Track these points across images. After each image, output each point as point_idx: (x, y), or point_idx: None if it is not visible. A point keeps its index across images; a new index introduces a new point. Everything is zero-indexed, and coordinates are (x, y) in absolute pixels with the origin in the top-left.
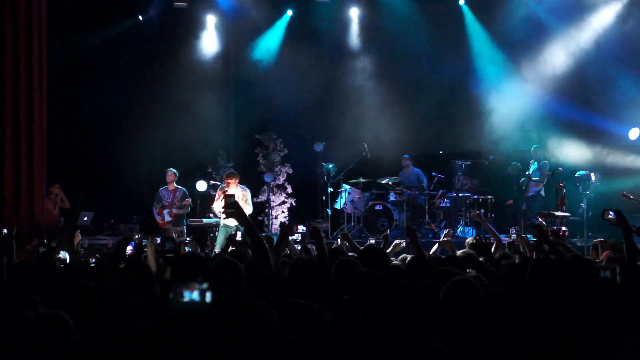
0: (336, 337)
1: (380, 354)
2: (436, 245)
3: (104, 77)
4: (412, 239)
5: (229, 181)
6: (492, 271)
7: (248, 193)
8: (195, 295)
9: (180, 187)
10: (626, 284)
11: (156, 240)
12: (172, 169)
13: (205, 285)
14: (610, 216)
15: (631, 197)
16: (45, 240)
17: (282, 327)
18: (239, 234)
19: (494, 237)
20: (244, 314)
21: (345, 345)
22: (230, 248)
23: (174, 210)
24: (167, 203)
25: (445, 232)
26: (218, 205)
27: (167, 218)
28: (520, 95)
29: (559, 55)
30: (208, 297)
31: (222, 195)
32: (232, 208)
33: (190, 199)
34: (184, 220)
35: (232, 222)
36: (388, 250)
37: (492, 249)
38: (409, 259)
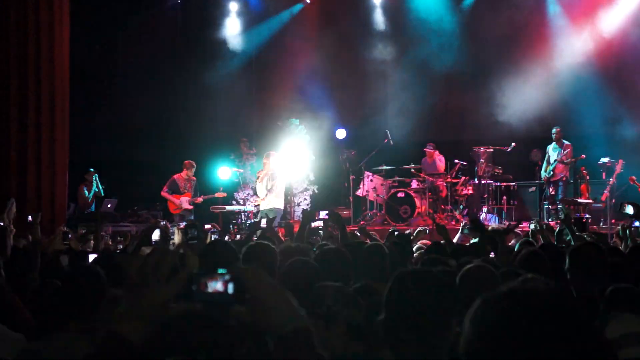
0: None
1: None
2: (459, 233)
3: (129, 64)
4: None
5: (266, 161)
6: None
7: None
8: (220, 286)
9: (193, 177)
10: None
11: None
12: (192, 161)
13: (229, 276)
14: (626, 211)
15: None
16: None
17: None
18: (264, 221)
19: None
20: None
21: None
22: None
23: (199, 199)
24: (185, 191)
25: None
26: (260, 187)
27: (186, 206)
28: (544, 81)
29: (586, 39)
30: (231, 287)
31: (261, 176)
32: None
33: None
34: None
35: (268, 206)
36: (412, 237)
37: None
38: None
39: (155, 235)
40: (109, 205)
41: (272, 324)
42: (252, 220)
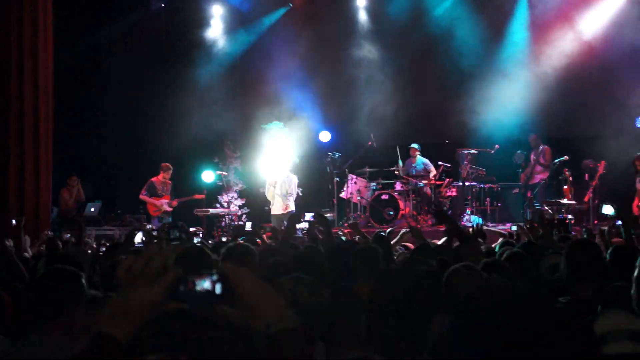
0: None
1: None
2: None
3: (113, 68)
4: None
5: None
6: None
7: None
8: (207, 285)
9: (169, 181)
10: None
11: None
12: (169, 164)
13: (217, 276)
14: (604, 211)
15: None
16: (50, 232)
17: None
18: (248, 224)
19: None
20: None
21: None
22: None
23: (174, 202)
24: (164, 194)
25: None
26: (272, 192)
27: (166, 208)
28: (526, 83)
29: (567, 42)
30: (219, 288)
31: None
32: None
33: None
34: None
35: (286, 210)
36: (394, 241)
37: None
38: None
39: (138, 238)
40: (92, 209)
41: (260, 324)
42: (236, 223)
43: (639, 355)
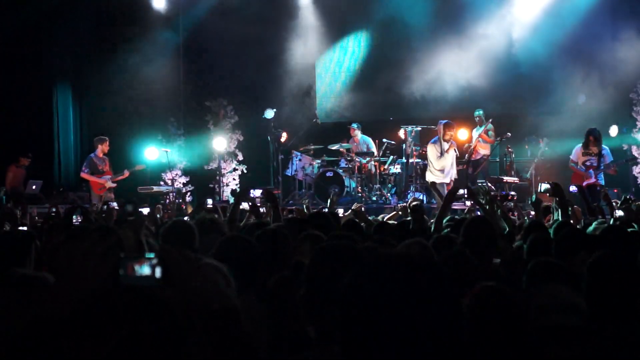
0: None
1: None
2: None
3: (53, 42)
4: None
5: None
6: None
7: None
8: (147, 269)
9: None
10: (562, 244)
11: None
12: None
13: (156, 260)
14: (542, 190)
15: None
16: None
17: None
18: (209, 201)
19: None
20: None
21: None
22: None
23: (126, 173)
24: (105, 170)
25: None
26: None
27: (110, 184)
28: (469, 60)
29: (510, 19)
30: (158, 271)
31: None
32: None
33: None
34: None
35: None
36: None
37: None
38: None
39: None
40: (33, 187)
41: (198, 304)
42: (179, 201)
43: (575, 327)
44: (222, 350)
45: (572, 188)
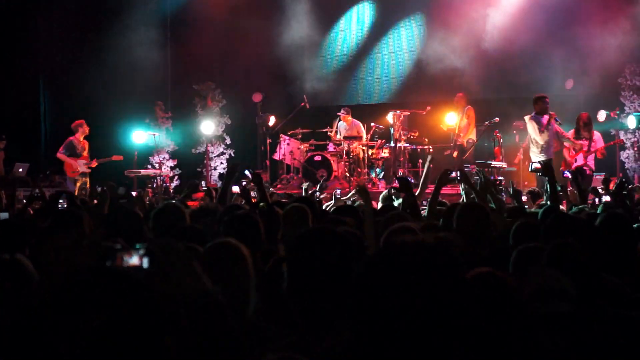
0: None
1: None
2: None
3: (39, 24)
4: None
5: None
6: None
7: None
8: (135, 260)
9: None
10: (550, 227)
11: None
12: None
13: (143, 250)
14: (536, 166)
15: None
16: None
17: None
18: (203, 183)
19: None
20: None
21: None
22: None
23: (95, 162)
24: (82, 154)
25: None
26: None
27: (83, 169)
28: (456, 44)
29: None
30: (145, 262)
31: None
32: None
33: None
34: None
35: None
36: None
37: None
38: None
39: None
40: (20, 170)
41: (183, 297)
42: (168, 184)
43: (567, 313)
44: (205, 345)
45: (567, 174)
